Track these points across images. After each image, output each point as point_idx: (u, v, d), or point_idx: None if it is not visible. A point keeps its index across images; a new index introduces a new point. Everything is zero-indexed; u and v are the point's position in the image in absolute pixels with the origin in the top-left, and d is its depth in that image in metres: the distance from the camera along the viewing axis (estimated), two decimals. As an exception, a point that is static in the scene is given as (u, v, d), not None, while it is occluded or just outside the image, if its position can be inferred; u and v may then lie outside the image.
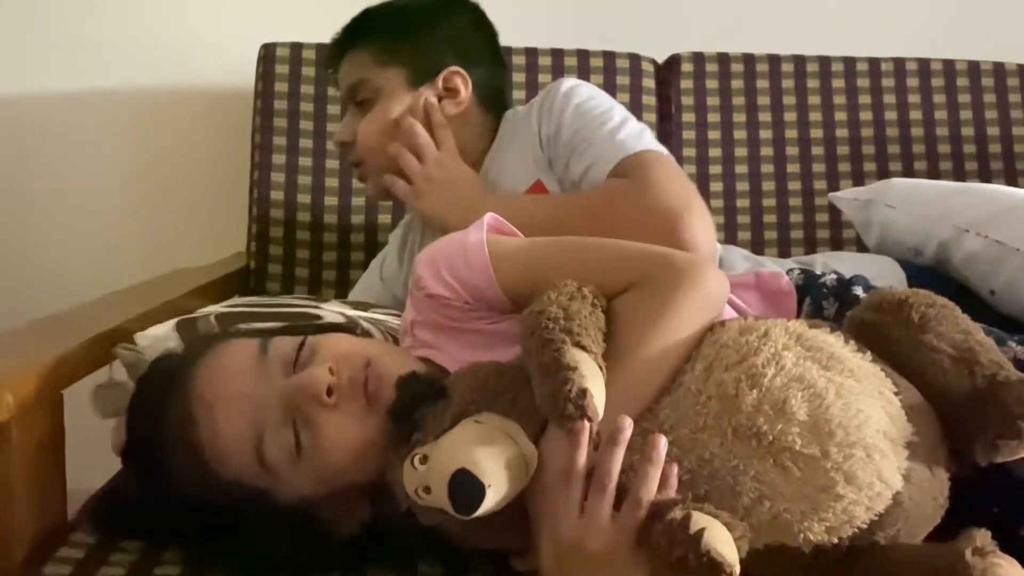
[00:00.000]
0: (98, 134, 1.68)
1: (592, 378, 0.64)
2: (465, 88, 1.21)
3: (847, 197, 1.30)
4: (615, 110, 1.14)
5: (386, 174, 1.17)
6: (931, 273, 1.08)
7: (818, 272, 0.93)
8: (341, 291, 1.48)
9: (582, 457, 0.65)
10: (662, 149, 1.11)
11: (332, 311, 1.05)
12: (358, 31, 1.22)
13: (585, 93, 1.16)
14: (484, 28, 1.26)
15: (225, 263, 1.49)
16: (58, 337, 0.91)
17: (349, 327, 0.94)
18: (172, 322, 0.96)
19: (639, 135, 1.10)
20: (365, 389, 0.76)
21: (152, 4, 1.67)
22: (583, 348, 0.66)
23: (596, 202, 1.04)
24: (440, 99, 1.19)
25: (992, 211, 1.05)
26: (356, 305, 1.15)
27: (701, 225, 0.97)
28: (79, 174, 1.68)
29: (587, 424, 0.64)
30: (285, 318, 0.99)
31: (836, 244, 1.55)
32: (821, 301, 0.88)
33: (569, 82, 1.18)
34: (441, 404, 0.73)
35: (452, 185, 1.13)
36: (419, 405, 0.74)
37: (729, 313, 0.86)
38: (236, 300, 1.18)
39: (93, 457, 0.91)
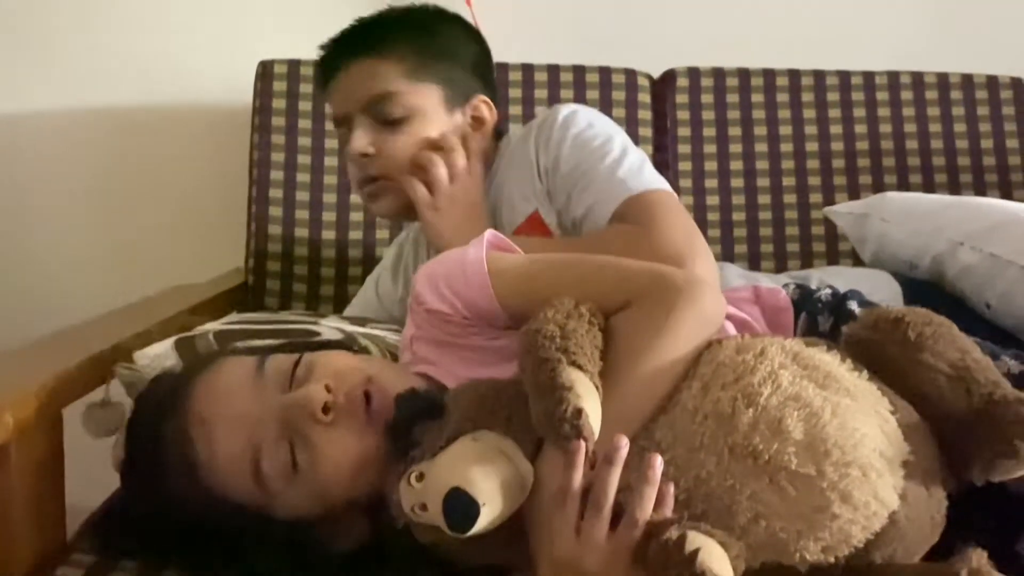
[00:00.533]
0: (95, 151, 1.68)
1: (588, 398, 0.64)
2: (491, 117, 1.20)
3: (842, 211, 1.31)
4: (614, 140, 1.12)
5: (408, 177, 1.13)
6: (927, 287, 1.09)
7: (813, 287, 0.93)
8: (339, 306, 1.48)
9: (578, 477, 0.65)
10: (663, 184, 1.09)
11: (330, 327, 1.05)
12: (377, 38, 1.15)
13: (583, 121, 1.13)
14: (489, 56, 1.25)
15: (223, 279, 1.49)
16: (57, 357, 0.92)
17: (347, 344, 0.94)
18: (171, 340, 0.97)
19: (639, 171, 1.08)
20: (363, 406, 0.76)
21: (150, 21, 1.67)
22: (579, 367, 0.66)
23: (601, 249, 1.03)
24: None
25: (986, 224, 1.06)
26: (354, 320, 1.15)
27: (705, 267, 0.98)
28: (76, 191, 1.69)
29: (583, 444, 0.64)
30: (283, 335, 0.99)
31: (832, 258, 1.56)
32: (816, 316, 0.88)
33: (566, 109, 1.15)
34: (439, 421, 0.74)
35: (469, 213, 1.12)
36: (417, 422, 0.75)
37: (731, 327, 0.86)
38: (234, 317, 1.18)
39: (93, 474, 0.91)
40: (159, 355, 0.94)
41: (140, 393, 0.82)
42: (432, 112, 1.14)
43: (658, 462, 0.65)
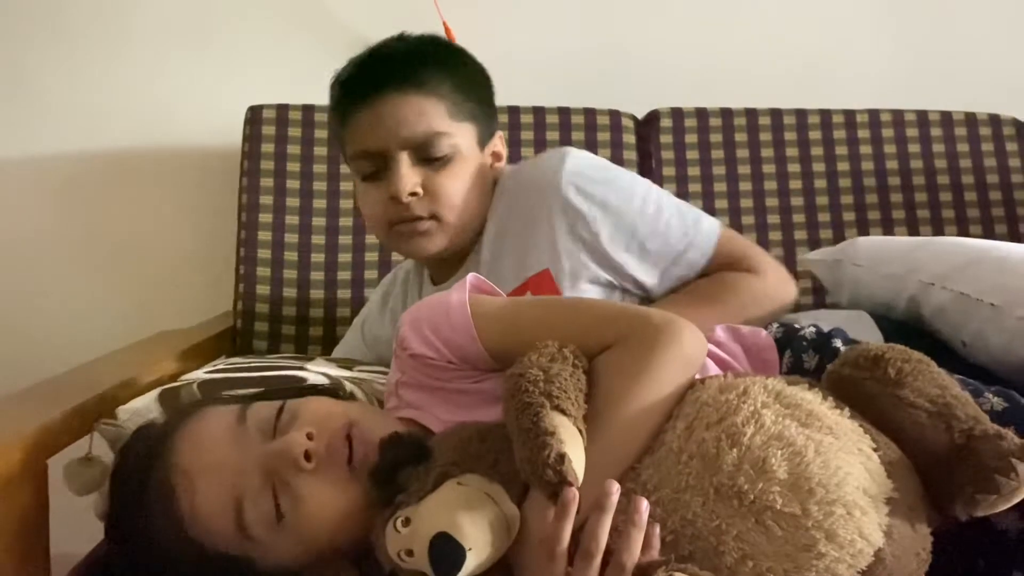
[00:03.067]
0: (81, 195, 1.69)
1: (571, 443, 0.64)
2: (505, 152, 1.20)
3: (815, 258, 1.32)
4: (645, 195, 1.12)
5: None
6: (907, 327, 1.10)
7: (797, 325, 0.94)
8: (327, 347, 1.48)
9: (568, 529, 0.65)
10: (714, 222, 1.13)
11: (317, 372, 1.05)
12: (420, 73, 1.10)
13: (600, 185, 1.10)
14: (494, 89, 1.23)
15: (211, 324, 1.50)
16: (41, 407, 0.91)
17: (332, 389, 0.94)
18: (154, 393, 0.96)
19: (688, 220, 1.11)
20: (345, 453, 0.76)
21: (139, 66, 1.69)
22: (563, 411, 0.66)
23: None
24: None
25: (955, 264, 1.07)
26: (341, 363, 1.15)
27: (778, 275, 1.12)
28: (62, 236, 1.69)
29: (576, 495, 0.63)
30: (269, 382, 0.99)
31: (818, 294, 1.57)
32: (801, 354, 0.89)
33: (567, 171, 1.10)
34: (424, 466, 0.74)
35: None
36: (402, 467, 0.74)
37: (713, 368, 0.87)
38: (220, 363, 1.17)
39: (77, 524, 0.90)
40: (141, 409, 0.93)
41: (123, 445, 0.82)
42: (468, 151, 1.13)
43: (644, 505, 0.65)
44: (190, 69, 1.69)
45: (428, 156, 1.10)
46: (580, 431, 0.67)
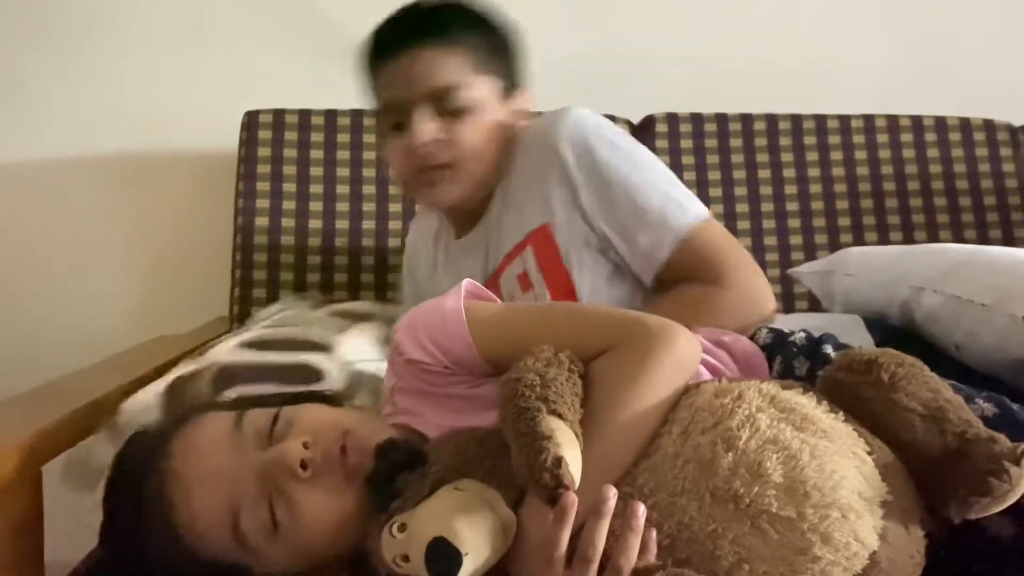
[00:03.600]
0: (80, 200, 1.69)
1: (568, 446, 0.65)
2: (531, 106, 1.22)
3: (806, 272, 1.33)
4: (647, 166, 1.13)
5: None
6: (899, 333, 1.10)
7: (787, 331, 0.94)
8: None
9: (566, 535, 0.65)
10: (699, 209, 1.11)
11: (339, 363, 1.07)
12: (446, 27, 1.14)
13: (606, 141, 1.13)
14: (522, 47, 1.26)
15: (207, 328, 1.49)
16: (36, 413, 0.91)
17: (329, 396, 0.94)
18: (160, 385, 0.97)
19: (678, 201, 1.11)
20: (341, 460, 0.76)
21: (135, 71, 1.69)
22: (559, 415, 0.66)
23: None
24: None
25: (944, 268, 1.08)
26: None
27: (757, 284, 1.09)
28: (58, 241, 1.69)
29: (575, 500, 0.64)
30: (285, 373, 1.01)
31: (814, 300, 1.58)
32: (791, 360, 0.89)
33: (578, 128, 1.13)
34: (420, 471, 0.74)
35: None
36: (398, 473, 0.75)
37: (705, 374, 0.87)
38: (259, 324, 1.17)
39: (72, 531, 0.90)
40: (147, 407, 0.94)
41: (118, 452, 0.82)
42: (490, 104, 1.16)
43: (641, 510, 0.65)
44: (187, 74, 1.70)
45: (448, 107, 1.13)
46: (577, 435, 0.67)
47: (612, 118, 1.63)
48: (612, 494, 0.65)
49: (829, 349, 0.89)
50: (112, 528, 0.79)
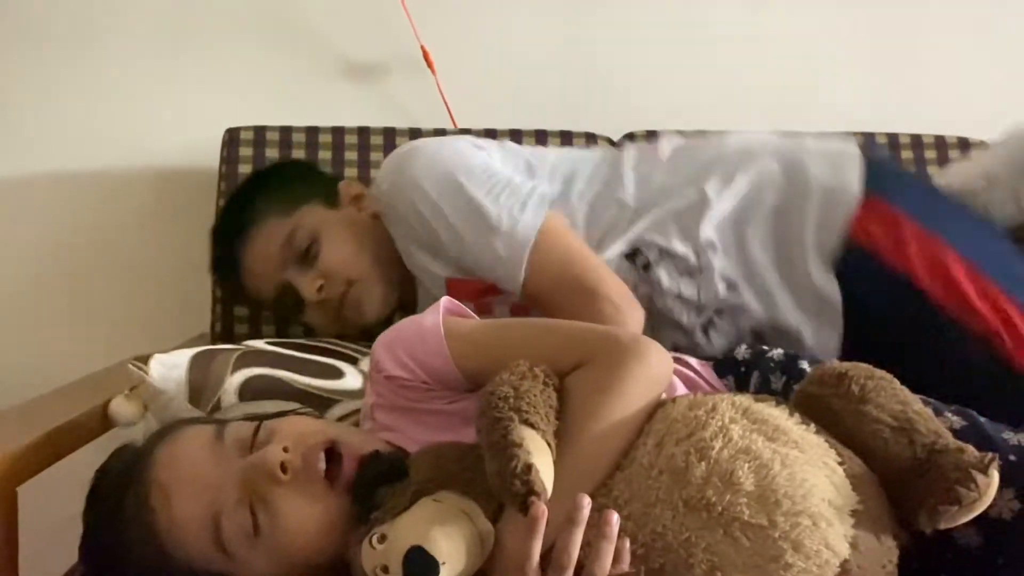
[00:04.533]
0: (61, 216, 1.69)
1: (538, 453, 0.66)
2: (362, 189, 1.30)
3: None
4: (459, 193, 1.12)
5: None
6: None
7: (765, 347, 0.96)
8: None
9: (538, 546, 0.66)
10: (529, 221, 1.10)
11: (357, 369, 1.13)
12: (245, 218, 1.27)
13: (421, 189, 1.14)
14: (311, 164, 1.43)
15: (188, 346, 1.48)
16: (11, 433, 0.91)
17: (312, 411, 0.95)
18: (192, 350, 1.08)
19: (507, 222, 1.10)
20: (322, 467, 0.76)
21: (115, 87, 1.69)
22: (531, 425, 0.68)
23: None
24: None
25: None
26: None
27: (616, 290, 1.08)
28: (36, 258, 1.68)
29: (544, 511, 0.65)
30: (306, 368, 1.09)
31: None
32: (768, 375, 0.91)
33: (391, 172, 1.19)
34: (401, 483, 0.75)
35: None
36: (380, 484, 0.75)
37: (681, 388, 0.89)
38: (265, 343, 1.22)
39: (47, 551, 0.90)
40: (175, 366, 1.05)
41: (100, 467, 0.82)
42: (324, 220, 1.24)
43: (615, 519, 0.67)
44: (167, 90, 1.70)
45: (300, 254, 1.22)
46: (549, 445, 0.69)
47: (592, 136, 1.65)
48: (586, 503, 0.66)
49: (805, 364, 0.91)
50: (93, 539, 0.80)
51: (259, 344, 1.19)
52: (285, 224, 1.23)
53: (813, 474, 0.68)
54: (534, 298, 1.11)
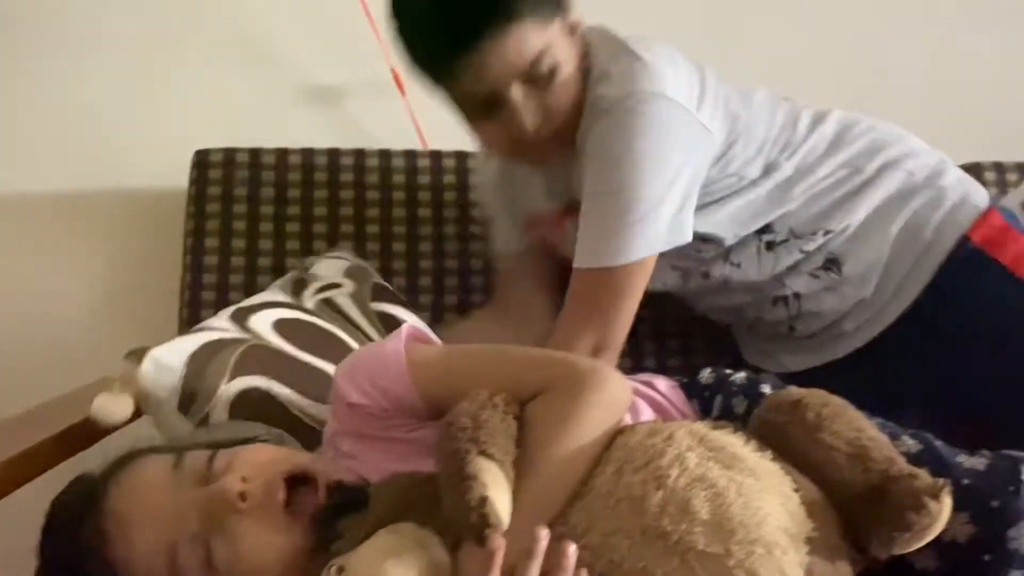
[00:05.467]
0: (26, 238, 1.67)
1: (494, 486, 0.66)
2: (577, 15, 1.14)
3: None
4: (644, 186, 1.08)
5: None
6: None
7: (728, 371, 0.97)
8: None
9: None
10: (640, 246, 1.09)
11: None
12: (503, 4, 1.04)
13: (639, 145, 1.07)
14: None
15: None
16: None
17: (277, 436, 0.94)
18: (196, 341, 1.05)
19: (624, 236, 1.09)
20: (282, 497, 0.76)
21: (84, 108, 1.68)
22: (489, 456, 0.68)
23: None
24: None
25: None
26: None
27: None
28: (3, 279, 1.67)
29: (501, 543, 0.65)
30: (298, 375, 1.06)
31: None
32: (731, 399, 0.92)
33: (638, 115, 1.08)
34: (362, 514, 0.75)
35: None
36: (343, 514, 0.75)
37: (647, 410, 0.89)
38: (285, 316, 1.18)
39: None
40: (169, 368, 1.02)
41: (55, 497, 0.82)
42: (563, 49, 1.09)
43: (571, 550, 0.67)
44: (136, 112, 1.69)
45: (537, 76, 1.07)
46: (507, 476, 0.69)
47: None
48: (543, 535, 0.66)
49: (767, 389, 0.92)
50: (49, 571, 0.79)
51: (267, 336, 1.12)
52: (541, 36, 1.06)
53: (768, 502, 0.69)
54: (573, 282, 1.13)
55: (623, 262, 1.10)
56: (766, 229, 1.20)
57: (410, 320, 1.19)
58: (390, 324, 1.24)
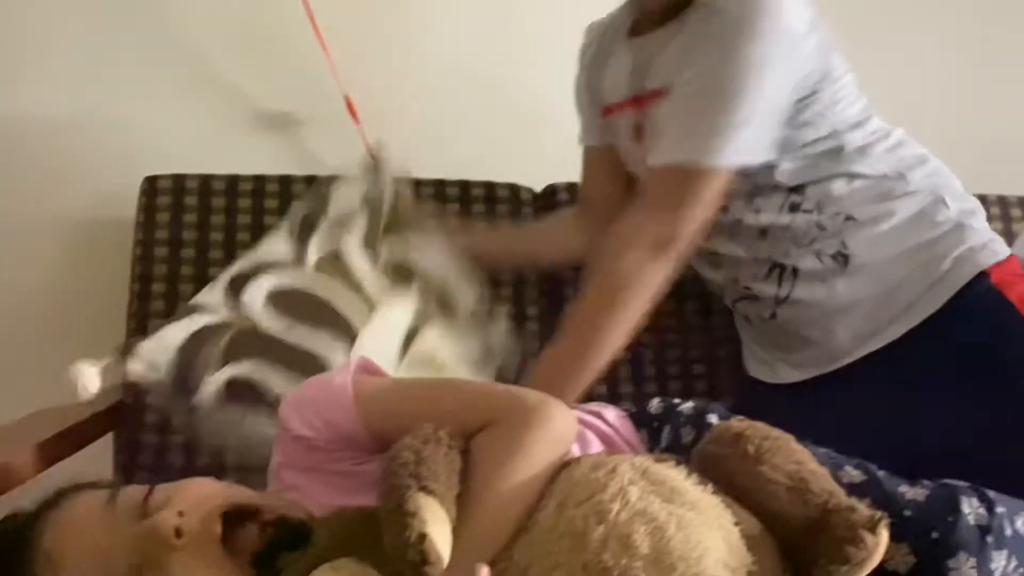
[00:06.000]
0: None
1: (433, 523, 0.66)
2: None
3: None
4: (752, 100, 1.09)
5: None
6: None
7: (676, 401, 0.97)
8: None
9: None
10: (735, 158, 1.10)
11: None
12: None
13: (756, 42, 1.08)
14: None
15: (98, 400, 1.44)
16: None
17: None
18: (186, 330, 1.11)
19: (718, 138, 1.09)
20: (219, 532, 0.75)
21: (31, 134, 1.66)
22: (431, 492, 0.67)
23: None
24: None
25: None
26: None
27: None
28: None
29: None
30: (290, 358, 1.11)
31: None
32: (679, 429, 0.92)
33: (754, 27, 1.09)
34: (302, 549, 0.73)
35: None
36: (283, 550, 0.74)
37: (595, 442, 0.89)
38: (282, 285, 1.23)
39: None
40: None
41: None
42: None
43: None
44: (85, 138, 1.67)
45: None
46: (448, 512, 0.68)
47: (515, 187, 1.67)
48: (484, 572, 0.66)
49: (714, 419, 0.93)
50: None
51: (258, 316, 1.18)
52: None
53: (708, 536, 0.69)
54: (652, 174, 1.13)
55: (712, 164, 1.09)
56: (799, 189, 1.20)
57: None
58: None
